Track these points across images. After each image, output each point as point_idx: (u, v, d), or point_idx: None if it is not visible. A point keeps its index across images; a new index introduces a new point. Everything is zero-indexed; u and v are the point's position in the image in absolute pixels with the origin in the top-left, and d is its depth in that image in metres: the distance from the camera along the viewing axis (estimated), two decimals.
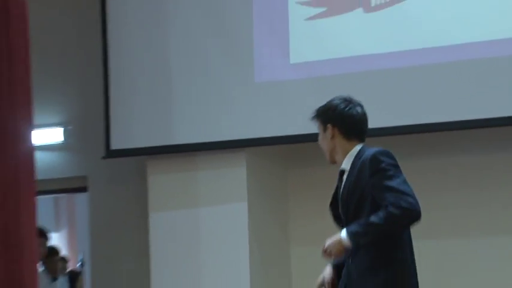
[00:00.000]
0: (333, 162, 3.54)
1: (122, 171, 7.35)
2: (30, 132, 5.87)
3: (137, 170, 7.13)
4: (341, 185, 3.49)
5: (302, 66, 6.17)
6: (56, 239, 10.53)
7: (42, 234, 6.89)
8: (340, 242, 3.30)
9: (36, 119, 6.04)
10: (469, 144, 6.14)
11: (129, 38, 6.99)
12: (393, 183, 3.24)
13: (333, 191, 3.95)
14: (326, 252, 3.43)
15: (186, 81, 6.59)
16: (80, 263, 10.52)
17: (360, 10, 5.96)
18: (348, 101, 3.54)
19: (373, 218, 3.24)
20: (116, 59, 6.86)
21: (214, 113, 6.45)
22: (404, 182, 3.41)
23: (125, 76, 6.92)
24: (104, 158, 6.74)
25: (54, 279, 7.41)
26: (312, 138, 4.75)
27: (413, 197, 3.26)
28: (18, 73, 6.20)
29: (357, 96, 4.58)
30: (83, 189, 7.90)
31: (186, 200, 6.65)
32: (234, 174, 6.33)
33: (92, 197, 7.73)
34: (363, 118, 3.54)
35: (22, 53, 6.22)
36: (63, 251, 10.20)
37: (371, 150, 3.42)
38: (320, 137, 3.58)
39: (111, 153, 6.73)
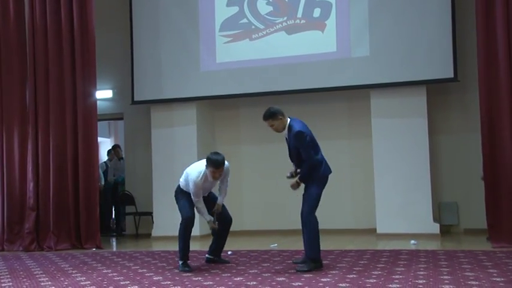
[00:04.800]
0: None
1: (139, 110, 10.47)
2: (95, 91, 9.03)
3: (146, 110, 10.30)
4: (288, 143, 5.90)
5: (221, 64, 9.73)
6: (108, 142, 13.93)
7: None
8: (298, 182, 5.85)
9: (98, 84, 9.10)
10: (299, 99, 9.58)
11: (147, 40, 9.88)
12: (305, 147, 5.67)
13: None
14: (293, 186, 5.88)
15: (170, 68, 9.80)
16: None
17: (247, 40, 9.70)
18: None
19: (304, 169, 5.69)
20: (138, 52, 10.02)
21: (182, 83, 9.75)
22: (310, 145, 5.63)
23: (142, 61, 9.92)
24: (131, 104, 10.15)
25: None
26: (221, 97, 9.18)
27: (316, 154, 5.71)
28: (90, 55, 8.87)
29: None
30: (121, 119, 11.17)
31: (167, 123, 9.88)
32: (190, 113, 9.78)
33: (125, 122, 11.06)
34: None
35: (91, 41, 8.88)
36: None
37: (295, 128, 5.68)
38: (276, 122, 5.82)
39: (134, 102, 10.09)
